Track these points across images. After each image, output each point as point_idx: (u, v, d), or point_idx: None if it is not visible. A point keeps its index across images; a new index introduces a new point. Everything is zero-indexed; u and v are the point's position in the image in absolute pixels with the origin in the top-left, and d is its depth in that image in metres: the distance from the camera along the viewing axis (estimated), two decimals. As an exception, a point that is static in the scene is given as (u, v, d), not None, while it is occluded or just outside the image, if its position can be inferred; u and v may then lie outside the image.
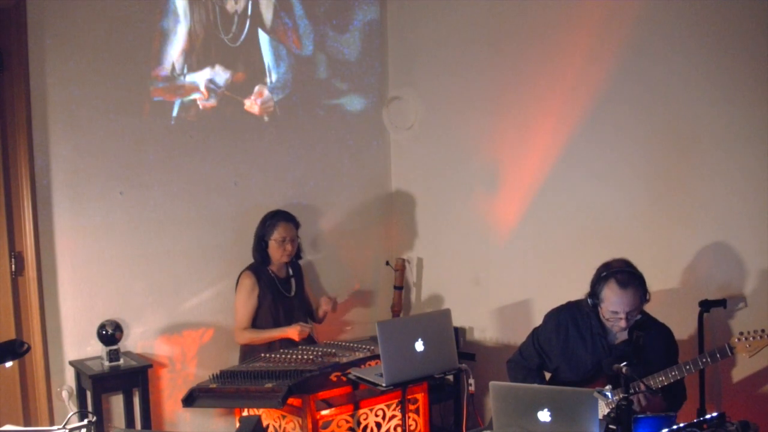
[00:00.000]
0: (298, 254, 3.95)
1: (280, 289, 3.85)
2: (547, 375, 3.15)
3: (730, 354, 2.70)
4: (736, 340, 2.71)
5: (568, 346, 3.00)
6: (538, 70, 3.91)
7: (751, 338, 2.69)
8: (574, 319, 3.01)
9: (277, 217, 3.85)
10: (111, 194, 3.77)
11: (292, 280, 3.94)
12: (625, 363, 2.33)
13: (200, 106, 4.03)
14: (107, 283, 3.77)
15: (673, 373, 2.72)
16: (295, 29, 4.35)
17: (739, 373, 3.27)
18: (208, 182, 4.07)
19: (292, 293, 3.90)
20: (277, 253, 3.81)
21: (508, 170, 4.12)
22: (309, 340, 3.85)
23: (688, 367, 2.71)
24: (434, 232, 4.57)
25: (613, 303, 2.84)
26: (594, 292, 2.90)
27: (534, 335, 3.14)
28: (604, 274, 2.87)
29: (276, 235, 3.80)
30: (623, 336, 2.93)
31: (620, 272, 2.85)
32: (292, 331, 3.68)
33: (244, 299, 3.77)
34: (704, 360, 2.71)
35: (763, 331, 2.69)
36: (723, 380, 3.32)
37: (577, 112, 3.75)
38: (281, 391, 3.03)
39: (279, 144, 4.31)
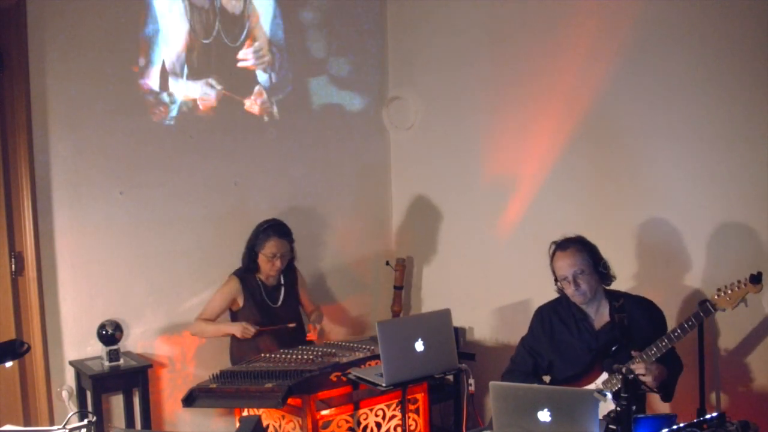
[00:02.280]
0: (290, 263, 3.84)
1: (266, 298, 3.76)
2: (546, 379, 3.16)
3: (713, 310, 2.73)
4: (716, 296, 2.72)
5: (555, 337, 3.07)
6: (538, 70, 3.92)
7: (729, 290, 2.71)
8: (555, 311, 3.10)
9: (271, 231, 3.69)
10: (111, 194, 3.77)
11: (282, 289, 3.83)
12: (615, 348, 2.33)
13: (200, 106, 4.03)
14: (107, 283, 3.77)
15: (663, 343, 2.74)
16: (295, 29, 4.35)
17: (739, 373, 3.28)
18: (208, 182, 4.06)
19: (279, 303, 3.80)
20: (266, 267, 3.72)
21: (508, 170, 4.12)
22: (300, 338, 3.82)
23: (676, 333, 2.73)
24: (434, 232, 4.56)
25: (559, 268, 2.97)
26: (552, 272, 3.02)
27: (522, 341, 3.21)
28: (551, 248, 3.03)
29: (266, 250, 3.67)
30: (604, 318, 2.99)
31: (562, 239, 3.01)
32: (234, 328, 3.63)
33: (219, 298, 3.74)
34: (690, 323, 2.73)
35: (739, 281, 2.71)
36: (723, 380, 3.32)
37: (578, 111, 3.75)
38: (281, 391, 3.03)
39: (279, 144, 4.31)
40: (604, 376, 2.87)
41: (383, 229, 4.79)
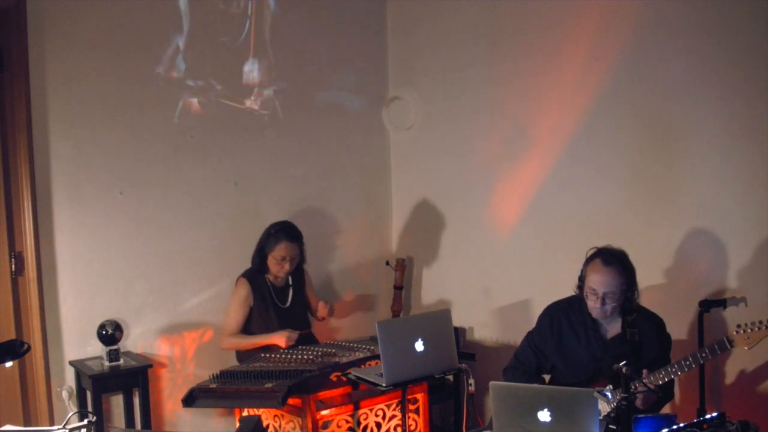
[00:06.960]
0: (299, 264, 3.84)
1: (275, 299, 3.77)
2: (547, 378, 3.15)
3: (729, 347, 2.65)
4: (734, 332, 2.65)
5: (563, 341, 3.02)
6: (538, 70, 3.92)
7: (749, 330, 2.64)
8: (566, 315, 3.04)
9: (281, 235, 3.69)
10: (111, 194, 3.77)
11: (290, 290, 3.84)
12: (624, 363, 2.32)
13: (200, 107, 4.03)
14: (107, 283, 3.77)
15: (674, 369, 2.69)
16: (296, 30, 4.35)
17: (739, 373, 3.27)
18: (208, 182, 4.06)
19: (288, 303, 3.81)
20: (275, 269, 3.72)
21: (508, 170, 4.12)
22: (309, 339, 3.84)
23: (687, 362, 2.68)
24: (434, 232, 4.56)
25: (593, 280, 2.87)
26: (581, 274, 2.94)
27: (528, 336, 3.16)
28: (593, 252, 2.92)
29: (276, 253, 3.68)
30: (615, 329, 2.95)
31: (608, 253, 2.89)
32: (278, 338, 3.59)
33: (236, 307, 3.71)
34: (703, 354, 2.67)
35: (761, 322, 2.64)
36: (723, 380, 3.32)
37: (577, 111, 3.75)
38: (281, 391, 3.04)
39: (279, 144, 4.31)
40: (608, 389, 2.83)
41: (383, 229, 4.79)
